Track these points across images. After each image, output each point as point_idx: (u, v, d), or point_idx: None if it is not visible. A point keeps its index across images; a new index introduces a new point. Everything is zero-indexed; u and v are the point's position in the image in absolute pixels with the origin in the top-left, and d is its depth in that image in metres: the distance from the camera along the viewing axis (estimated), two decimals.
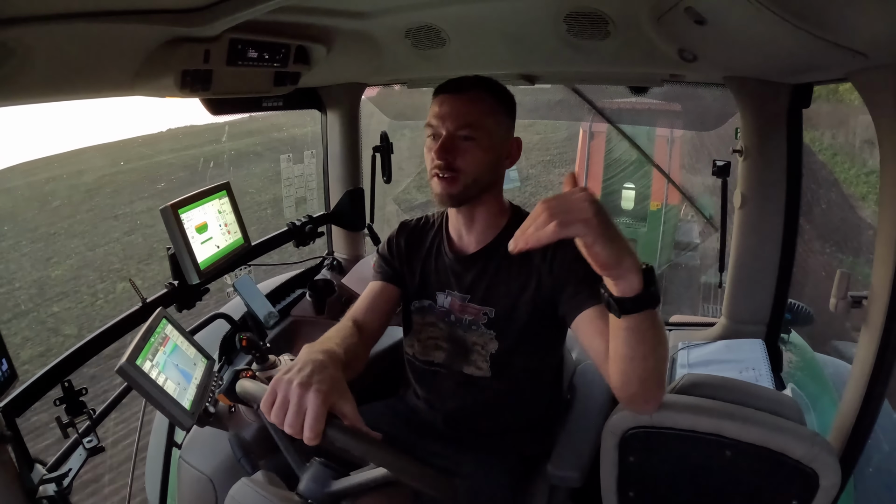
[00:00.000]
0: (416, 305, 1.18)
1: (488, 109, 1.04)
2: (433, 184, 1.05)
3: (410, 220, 1.26)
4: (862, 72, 0.94)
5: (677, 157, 5.96)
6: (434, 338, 1.16)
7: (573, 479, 1.07)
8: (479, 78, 1.07)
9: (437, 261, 1.17)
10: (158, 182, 9.98)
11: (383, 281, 1.18)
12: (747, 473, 0.89)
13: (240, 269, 1.66)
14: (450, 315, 1.13)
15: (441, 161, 1.01)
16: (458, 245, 1.15)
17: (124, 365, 0.92)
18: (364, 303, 1.15)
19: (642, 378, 0.84)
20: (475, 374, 1.12)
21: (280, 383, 0.76)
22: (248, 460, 0.94)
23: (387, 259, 1.21)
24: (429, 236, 1.20)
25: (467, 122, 1.01)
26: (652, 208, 6.26)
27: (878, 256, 0.96)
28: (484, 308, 1.10)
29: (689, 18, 0.90)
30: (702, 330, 1.69)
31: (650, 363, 0.81)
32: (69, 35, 0.79)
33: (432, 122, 1.04)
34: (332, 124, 2.00)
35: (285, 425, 0.73)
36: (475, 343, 1.11)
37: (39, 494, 0.95)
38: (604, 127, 6.06)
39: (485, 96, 1.04)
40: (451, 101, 1.03)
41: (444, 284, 1.15)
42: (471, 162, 1.02)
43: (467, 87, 1.04)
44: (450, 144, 1.01)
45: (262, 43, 1.16)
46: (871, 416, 0.99)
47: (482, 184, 1.05)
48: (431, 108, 1.06)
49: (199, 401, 1.06)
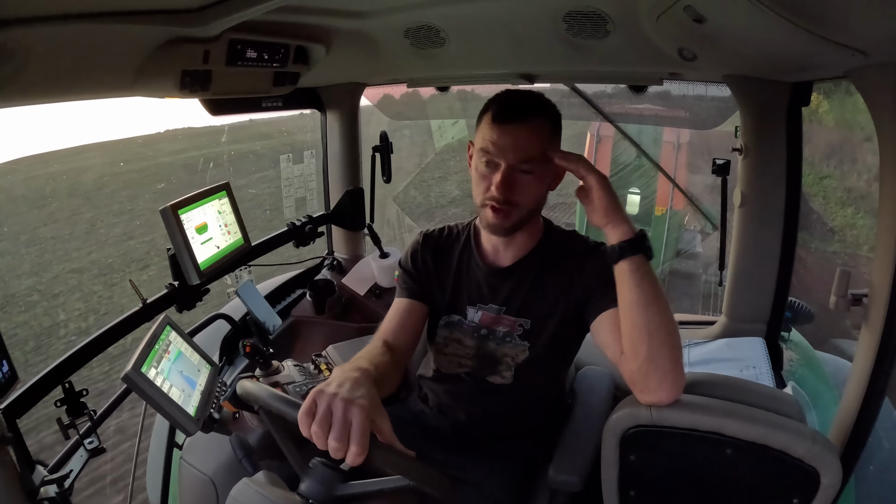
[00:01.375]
0: (445, 321, 1.16)
1: (547, 139, 1.00)
2: (486, 213, 1.02)
3: (433, 231, 1.22)
4: (861, 70, 0.94)
5: (683, 162, 5.97)
6: (458, 354, 1.14)
7: (574, 483, 1.07)
8: (537, 100, 1.02)
9: (468, 274, 1.15)
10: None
11: (410, 298, 1.15)
12: (748, 472, 0.89)
13: (240, 269, 1.66)
14: (480, 329, 1.12)
15: (501, 196, 0.99)
16: (492, 258, 1.13)
17: (129, 373, 0.93)
18: (394, 322, 1.13)
19: (651, 333, 0.87)
20: (496, 381, 1.11)
21: (322, 395, 0.74)
22: (249, 461, 0.94)
23: (412, 275, 1.18)
24: (456, 249, 1.18)
25: (529, 157, 0.98)
26: (657, 213, 6.28)
27: (878, 255, 0.96)
28: (519, 320, 1.09)
29: (689, 17, 0.90)
30: (702, 328, 1.69)
31: (654, 315, 0.88)
32: (68, 36, 0.79)
33: (490, 149, 0.99)
34: (331, 124, 2.00)
35: (330, 439, 0.70)
36: (506, 355, 1.10)
37: (41, 496, 0.96)
38: (611, 131, 6.08)
39: (544, 124, 1.00)
40: (512, 132, 0.98)
41: (476, 299, 1.13)
42: (528, 195, 1.01)
43: (529, 115, 0.99)
44: (510, 178, 0.98)
45: (262, 43, 1.16)
46: (872, 413, 0.98)
47: (533, 213, 1.05)
48: (485, 129, 1.01)
49: (204, 407, 1.06)
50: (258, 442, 1.15)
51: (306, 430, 0.73)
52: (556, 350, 1.10)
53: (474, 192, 1.05)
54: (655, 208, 6.30)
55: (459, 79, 1.80)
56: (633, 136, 4.01)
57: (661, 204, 6.31)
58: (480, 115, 1.04)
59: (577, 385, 1.36)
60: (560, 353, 1.12)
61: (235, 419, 1.21)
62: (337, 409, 0.72)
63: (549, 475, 1.09)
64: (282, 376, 1.22)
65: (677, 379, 0.90)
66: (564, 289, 1.06)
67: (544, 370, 1.12)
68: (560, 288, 1.07)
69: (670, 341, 0.88)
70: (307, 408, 0.73)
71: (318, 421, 0.72)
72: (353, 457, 0.70)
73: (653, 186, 6.29)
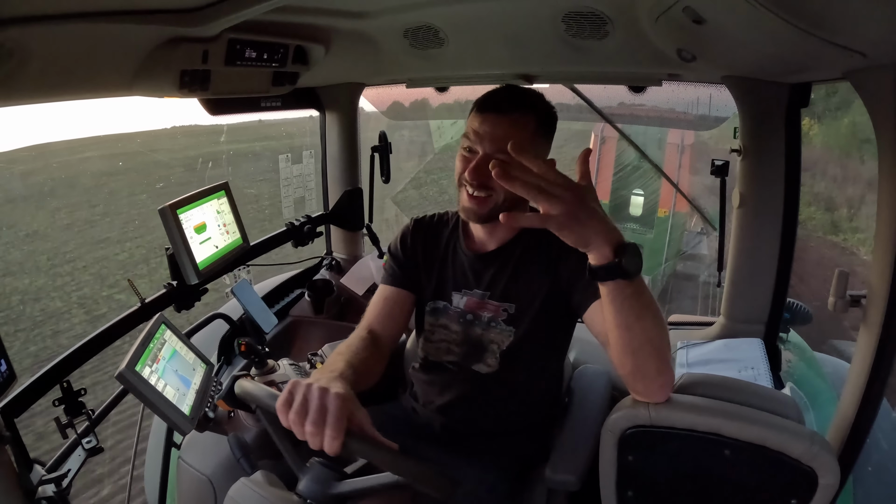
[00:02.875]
0: (431, 307, 1.17)
1: (529, 135, 1.01)
2: (462, 196, 1.04)
3: (424, 217, 1.24)
4: (860, 71, 0.94)
5: (687, 164, 5.97)
6: (446, 340, 1.15)
7: (571, 482, 1.07)
8: (526, 94, 1.04)
9: (454, 260, 1.16)
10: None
11: (396, 286, 1.16)
12: (746, 472, 0.89)
13: (239, 269, 1.66)
14: (466, 315, 1.13)
15: (472, 180, 1.01)
16: (477, 243, 1.15)
17: (124, 371, 0.93)
18: (379, 310, 1.14)
19: (635, 350, 0.85)
20: (483, 370, 1.12)
21: (298, 386, 0.75)
22: (247, 460, 0.94)
23: (400, 261, 1.19)
24: (444, 235, 1.19)
25: (505, 147, 0.99)
26: (660, 215, 6.29)
27: (876, 256, 0.96)
28: (504, 304, 1.10)
29: (688, 18, 0.90)
30: (700, 329, 1.69)
31: (637, 334, 0.83)
32: (67, 36, 0.79)
33: (470, 136, 1.02)
34: (330, 124, 2.00)
35: (307, 424, 0.71)
36: (492, 341, 1.10)
37: (39, 495, 0.95)
38: (616, 132, 6.08)
39: (529, 120, 1.02)
40: (493, 121, 1.00)
41: (461, 284, 1.14)
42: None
43: (512, 108, 1.01)
44: (485, 166, 0.98)
45: (261, 43, 1.16)
46: (870, 414, 0.99)
47: (510, 203, 1.05)
48: (472, 118, 1.04)
49: (199, 406, 1.06)
50: (254, 441, 1.15)
51: (284, 420, 0.74)
52: (542, 336, 1.10)
53: (456, 176, 1.06)
54: (658, 210, 6.31)
55: (459, 79, 1.80)
56: (637, 137, 4.01)
57: (664, 205, 6.32)
58: (472, 106, 1.07)
59: (575, 384, 1.36)
60: (546, 340, 1.12)
61: (230, 418, 1.21)
62: (313, 397, 0.73)
63: (546, 475, 1.09)
64: (277, 375, 1.22)
65: (664, 383, 0.90)
66: (548, 273, 1.06)
67: (530, 359, 1.11)
68: (543, 273, 1.07)
69: (655, 354, 0.86)
70: (284, 398, 0.75)
71: (294, 409, 0.73)
72: (329, 441, 0.70)
73: (656, 186, 6.30)
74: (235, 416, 1.21)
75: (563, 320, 1.10)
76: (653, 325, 0.83)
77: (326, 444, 0.71)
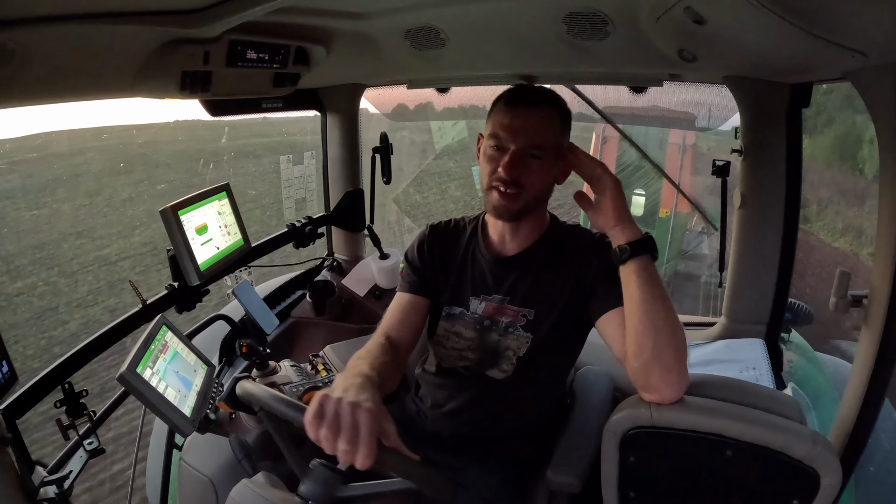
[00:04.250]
0: (447, 312, 1.16)
1: (556, 129, 1.03)
2: (492, 196, 1.04)
3: (439, 224, 1.23)
4: (861, 71, 0.94)
5: (689, 165, 5.96)
6: (458, 348, 1.14)
7: (573, 484, 1.07)
8: (548, 93, 1.06)
9: (473, 265, 1.15)
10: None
11: (413, 293, 1.16)
12: (748, 473, 0.89)
13: (240, 270, 1.66)
14: (483, 321, 1.12)
15: (507, 177, 1.00)
16: (497, 247, 1.14)
17: (125, 373, 0.93)
18: (396, 317, 1.14)
19: (658, 329, 0.87)
20: (497, 376, 1.11)
21: (328, 400, 0.74)
22: (248, 462, 0.94)
23: (416, 268, 1.18)
24: (462, 240, 1.19)
25: (538, 142, 1.00)
26: (661, 215, 6.28)
27: (877, 256, 0.96)
28: (523, 310, 1.09)
29: (689, 18, 0.90)
30: (702, 330, 1.69)
31: (660, 313, 0.89)
32: (69, 37, 0.79)
33: (500, 133, 1.01)
34: (331, 125, 2.00)
35: (340, 443, 0.71)
36: (508, 347, 1.10)
37: (40, 497, 0.96)
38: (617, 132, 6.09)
39: (554, 115, 1.03)
40: (523, 116, 1.01)
41: (480, 289, 1.13)
42: (536, 180, 1.02)
43: (540, 102, 1.03)
44: (518, 161, 1.00)
45: (262, 44, 1.16)
46: (872, 414, 0.98)
47: (540, 200, 1.06)
48: (497, 115, 1.03)
49: (200, 408, 1.06)
50: (256, 443, 1.15)
51: (314, 435, 0.73)
52: (558, 343, 1.10)
53: (481, 175, 1.06)
54: (660, 210, 6.30)
55: (460, 80, 1.80)
56: (639, 137, 4.00)
57: (666, 206, 6.31)
58: (493, 105, 1.07)
59: (577, 385, 1.36)
60: (562, 347, 1.12)
61: (232, 420, 1.21)
62: (345, 413, 0.72)
63: (548, 476, 1.09)
64: (279, 377, 1.22)
65: (681, 377, 0.90)
66: (569, 280, 1.07)
67: (545, 365, 1.11)
68: (564, 278, 1.07)
69: (675, 340, 0.89)
70: (315, 411, 0.73)
71: (327, 425, 0.72)
72: (363, 459, 0.70)
73: (657, 187, 6.29)
74: (237, 417, 1.21)
75: (578, 326, 1.09)
76: (671, 310, 0.90)
77: (359, 462, 0.70)
